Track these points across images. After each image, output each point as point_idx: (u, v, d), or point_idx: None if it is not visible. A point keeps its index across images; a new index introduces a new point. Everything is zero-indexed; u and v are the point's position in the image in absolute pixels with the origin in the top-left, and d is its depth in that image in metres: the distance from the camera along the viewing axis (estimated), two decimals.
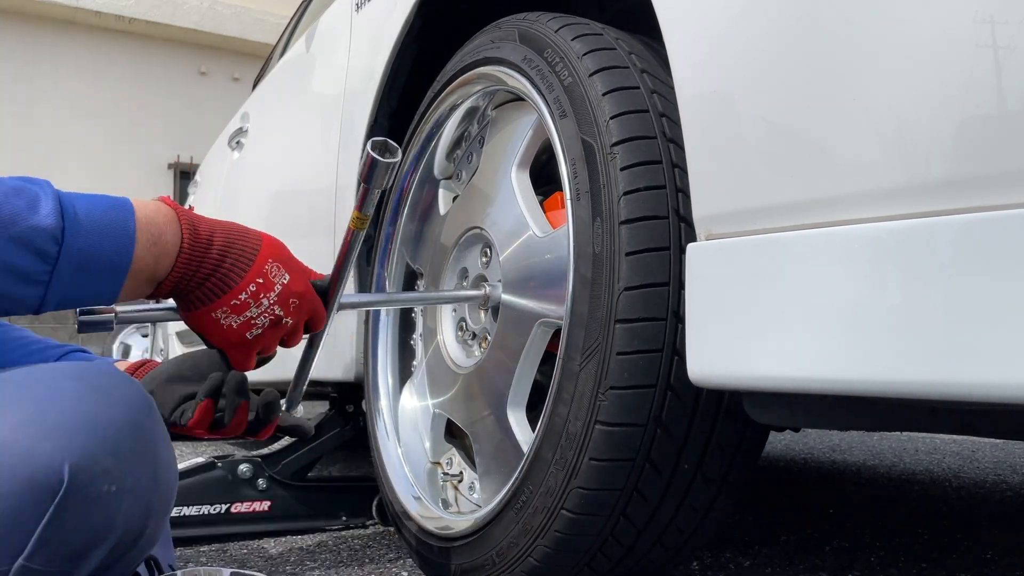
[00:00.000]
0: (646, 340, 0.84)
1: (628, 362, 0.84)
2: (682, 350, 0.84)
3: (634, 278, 0.85)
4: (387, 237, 1.41)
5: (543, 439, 0.92)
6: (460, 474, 1.25)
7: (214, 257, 0.82)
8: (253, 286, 0.83)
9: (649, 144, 0.89)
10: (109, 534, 0.67)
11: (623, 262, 0.85)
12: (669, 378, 0.85)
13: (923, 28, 0.60)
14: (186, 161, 9.69)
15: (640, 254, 0.85)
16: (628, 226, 0.86)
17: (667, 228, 0.86)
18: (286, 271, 0.86)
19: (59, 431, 0.65)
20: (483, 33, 1.19)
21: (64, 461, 0.63)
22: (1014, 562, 1.33)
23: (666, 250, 0.86)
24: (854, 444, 3.05)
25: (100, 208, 0.76)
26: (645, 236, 0.85)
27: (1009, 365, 0.54)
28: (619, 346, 0.85)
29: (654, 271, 0.85)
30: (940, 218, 0.58)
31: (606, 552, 0.94)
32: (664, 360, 0.85)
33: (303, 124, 2.04)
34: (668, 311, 0.85)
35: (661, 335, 0.85)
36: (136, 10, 9.47)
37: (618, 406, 0.85)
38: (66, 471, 0.63)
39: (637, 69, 0.94)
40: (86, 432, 0.65)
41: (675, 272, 0.85)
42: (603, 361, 0.85)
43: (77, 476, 0.64)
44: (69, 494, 0.63)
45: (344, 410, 1.82)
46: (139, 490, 0.68)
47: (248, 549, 1.49)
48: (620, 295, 0.85)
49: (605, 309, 0.86)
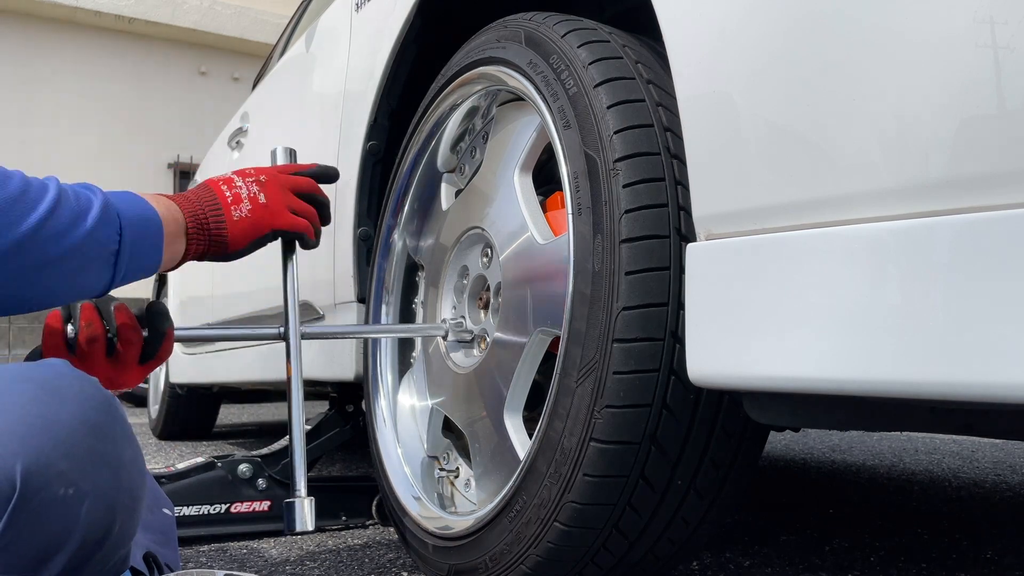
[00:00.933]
0: (643, 360, 0.84)
1: (624, 381, 0.84)
2: (679, 370, 0.84)
3: (633, 298, 0.84)
4: (388, 229, 1.41)
5: (538, 451, 0.92)
6: (456, 470, 1.26)
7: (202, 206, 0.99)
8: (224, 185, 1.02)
9: (652, 161, 0.87)
10: (70, 537, 0.66)
11: (622, 281, 0.84)
12: (665, 398, 0.85)
13: (923, 28, 0.59)
14: (186, 161, 9.69)
15: (640, 274, 0.84)
16: (629, 245, 0.85)
17: (668, 247, 0.85)
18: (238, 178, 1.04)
19: (9, 436, 0.63)
20: (489, 31, 1.18)
21: (16, 466, 0.62)
22: (1014, 562, 1.33)
23: (666, 270, 0.85)
24: (854, 444, 3.05)
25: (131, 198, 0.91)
26: (645, 256, 0.84)
27: (1009, 365, 0.54)
28: (616, 365, 0.84)
29: (653, 291, 0.84)
30: (940, 218, 0.58)
31: (598, 562, 0.95)
32: (661, 380, 0.85)
33: (303, 124, 2.04)
34: (666, 331, 0.84)
35: (658, 355, 0.84)
36: (136, 10, 9.47)
37: (613, 424, 0.85)
38: (18, 476, 0.62)
39: (643, 80, 0.92)
40: (39, 435, 0.64)
41: (674, 292, 0.84)
42: (599, 379, 0.85)
43: (30, 481, 0.63)
44: (23, 500, 0.62)
45: (344, 410, 1.82)
46: (100, 491, 0.67)
47: (248, 549, 1.49)
48: (618, 315, 0.84)
49: (603, 328, 0.85)
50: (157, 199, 0.96)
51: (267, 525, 1.60)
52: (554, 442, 0.90)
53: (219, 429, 3.97)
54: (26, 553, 0.64)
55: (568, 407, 0.88)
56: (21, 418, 0.65)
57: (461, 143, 1.33)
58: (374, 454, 1.35)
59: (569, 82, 0.95)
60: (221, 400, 3.69)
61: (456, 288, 1.27)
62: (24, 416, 0.65)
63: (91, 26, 9.49)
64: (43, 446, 0.64)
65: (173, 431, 3.54)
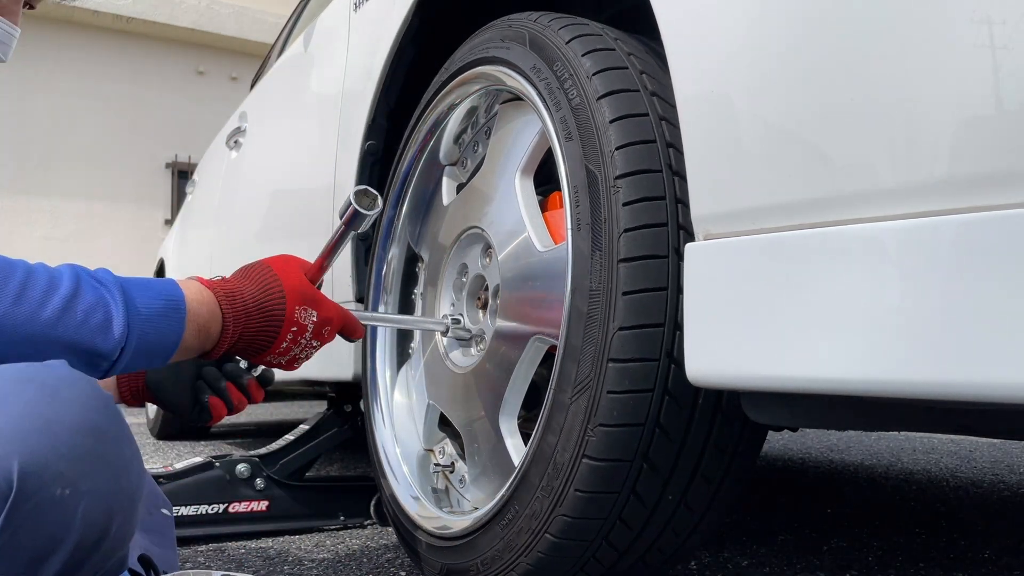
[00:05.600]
0: (637, 380, 0.83)
1: (618, 401, 0.84)
2: (673, 390, 0.84)
3: (629, 318, 0.83)
4: (389, 220, 1.41)
5: (531, 463, 0.92)
6: (451, 465, 1.26)
7: (253, 328, 0.95)
8: (290, 335, 0.96)
9: (653, 179, 0.86)
10: (68, 538, 0.66)
11: (619, 300, 0.84)
12: (659, 417, 0.85)
13: (921, 27, 0.59)
14: (184, 161, 9.67)
15: (637, 294, 0.83)
16: (627, 264, 0.84)
17: (666, 267, 0.84)
18: (312, 309, 0.98)
19: (7, 436, 0.63)
20: (492, 28, 1.16)
21: (13, 467, 0.62)
22: (1011, 562, 1.33)
23: (663, 290, 0.84)
24: (852, 444, 3.05)
25: (160, 308, 0.87)
26: (643, 276, 0.84)
27: (1009, 365, 0.54)
28: (610, 384, 0.84)
29: (650, 312, 0.83)
30: (940, 218, 0.58)
31: (587, 571, 0.95)
32: (655, 399, 0.84)
33: (301, 123, 2.04)
34: (662, 351, 0.84)
35: (653, 375, 0.84)
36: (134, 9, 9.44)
37: (606, 443, 0.84)
38: (15, 476, 0.62)
39: (647, 92, 0.91)
40: (37, 435, 0.64)
41: (671, 313, 0.84)
42: (594, 397, 0.85)
43: (27, 481, 0.63)
44: (20, 500, 0.63)
45: (342, 410, 1.82)
46: (98, 492, 0.67)
47: (246, 549, 1.48)
48: (615, 334, 0.83)
49: (598, 346, 0.85)
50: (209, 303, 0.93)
51: (265, 525, 1.60)
52: (547, 455, 0.90)
53: (217, 429, 3.96)
54: (22, 554, 0.64)
55: (562, 423, 0.88)
56: (19, 418, 0.65)
57: (464, 136, 1.33)
58: (372, 454, 1.35)
59: (572, 92, 0.93)
60: None
61: (455, 285, 1.27)
62: (23, 416, 0.65)
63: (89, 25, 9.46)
64: (41, 446, 0.64)
65: (171, 431, 3.53)
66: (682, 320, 0.80)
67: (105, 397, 0.72)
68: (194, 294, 0.90)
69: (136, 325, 0.83)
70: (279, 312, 0.95)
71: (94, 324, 0.80)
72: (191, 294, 0.90)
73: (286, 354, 0.98)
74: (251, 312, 0.94)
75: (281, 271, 0.97)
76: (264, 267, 0.98)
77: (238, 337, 0.94)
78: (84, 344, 0.79)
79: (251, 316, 0.94)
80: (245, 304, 0.94)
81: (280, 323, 0.95)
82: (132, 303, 0.84)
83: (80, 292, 0.80)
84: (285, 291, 0.96)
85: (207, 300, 0.92)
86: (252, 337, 0.95)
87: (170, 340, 0.87)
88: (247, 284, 0.96)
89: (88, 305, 0.80)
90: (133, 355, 0.84)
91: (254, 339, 0.95)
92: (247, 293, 0.95)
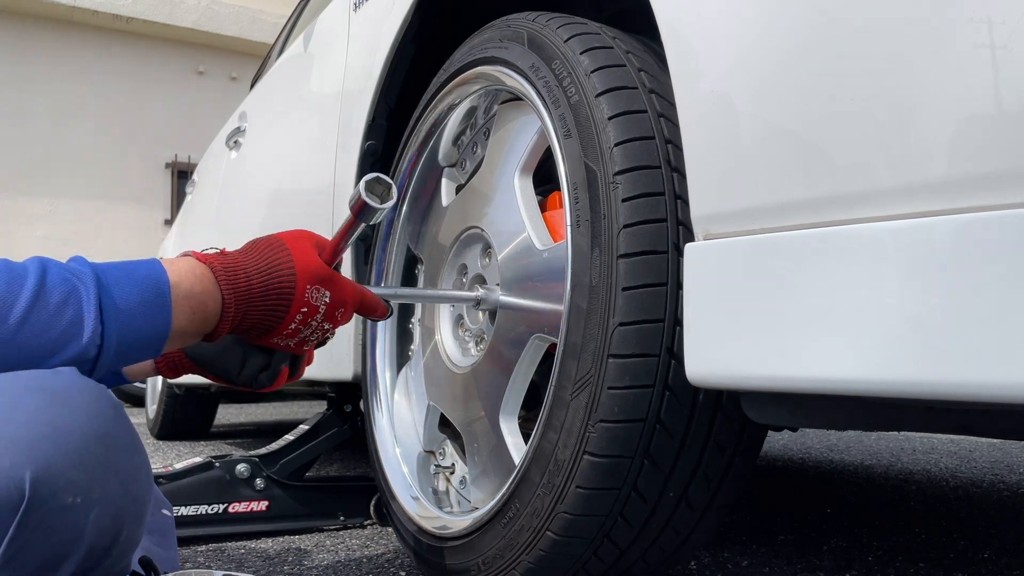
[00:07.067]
0: (638, 376, 0.84)
1: (619, 397, 0.84)
2: (674, 386, 0.84)
3: (629, 314, 0.83)
4: (388, 221, 1.41)
5: (532, 461, 0.92)
6: (452, 466, 1.26)
7: (257, 306, 0.87)
8: (299, 315, 0.89)
9: (652, 174, 0.86)
10: (78, 546, 0.66)
11: (619, 296, 0.84)
12: (660, 413, 0.85)
13: (921, 27, 0.59)
14: (184, 160, 9.67)
15: (636, 290, 0.84)
16: (626, 260, 0.84)
17: (666, 263, 0.84)
18: (325, 289, 0.90)
19: (19, 445, 0.63)
20: (491, 28, 1.16)
21: (25, 475, 0.62)
22: (1011, 561, 1.33)
23: (663, 286, 0.84)
24: (852, 444, 3.05)
25: (139, 298, 0.79)
26: (642, 271, 0.84)
27: (1009, 365, 0.54)
28: (611, 380, 0.84)
29: (650, 308, 0.84)
30: (939, 218, 0.58)
31: (588, 569, 0.95)
32: (655, 395, 0.84)
33: (301, 123, 2.04)
34: (662, 347, 0.84)
35: (654, 371, 0.84)
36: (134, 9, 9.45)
37: (607, 439, 0.84)
38: (27, 485, 0.62)
39: (645, 89, 0.91)
40: (48, 444, 0.64)
41: (671, 308, 0.84)
42: (594, 394, 0.85)
43: (39, 490, 0.63)
44: (32, 508, 0.63)
45: (342, 410, 1.82)
46: (108, 499, 0.67)
47: (246, 549, 1.48)
48: (615, 330, 0.84)
49: (599, 342, 0.85)
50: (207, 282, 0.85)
51: (265, 525, 1.60)
52: (548, 453, 0.90)
53: (217, 429, 3.97)
54: (34, 561, 0.64)
55: (563, 419, 0.88)
56: (30, 427, 0.65)
57: (463, 137, 1.33)
58: (372, 454, 1.35)
59: (571, 90, 0.94)
60: (219, 400, 3.69)
61: (455, 286, 1.27)
62: (33, 425, 0.65)
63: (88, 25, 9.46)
64: (52, 455, 0.64)
65: (171, 431, 3.54)
66: (682, 316, 0.80)
67: (115, 404, 0.72)
68: (185, 274, 0.83)
69: (113, 320, 0.77)
70: (288, 290, 0.87)
71: (62, 326, 0.74)
72: (181, 274, 0.82)
73: (294, 336, 0.91)
74: (254, 288, 0.87)
75: (294, 246, 0.90)
76: (276, 241, 0.90)
77: (243, 316, 0.87)
78: (54, 348, 0.73)
79: (254, 293, 0.87)
80: (249, 280, 0.87)
81: (289, 302, 0.88)
82: (108, 295, 0.77)
83: (44, 292, 0.73)
84: (296, 269, 0.88)
85: (202, 277, 0.84)
86: (257, 319, 0.88)
87: (157, 330, 0.80)
88: (252, 258, 0.88)
89: (54, 306, 0.73)
90: (116, 353, 0.78)
91: (262, 318, 0.88)
92: (251, 268, 0.87)
